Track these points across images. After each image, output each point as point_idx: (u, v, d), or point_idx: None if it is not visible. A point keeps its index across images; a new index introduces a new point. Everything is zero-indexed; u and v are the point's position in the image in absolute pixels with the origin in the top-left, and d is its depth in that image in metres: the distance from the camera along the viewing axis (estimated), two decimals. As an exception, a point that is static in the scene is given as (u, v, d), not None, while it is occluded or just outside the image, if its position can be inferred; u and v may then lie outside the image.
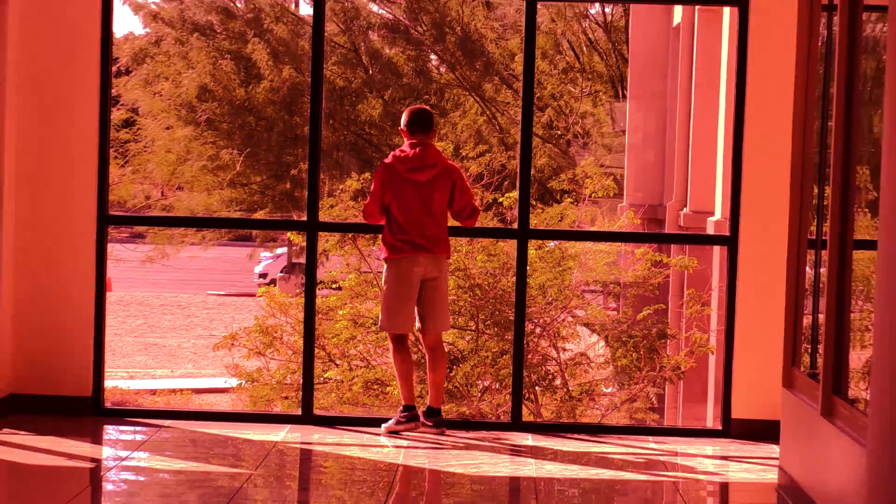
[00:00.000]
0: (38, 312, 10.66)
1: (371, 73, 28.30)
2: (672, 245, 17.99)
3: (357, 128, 27.93)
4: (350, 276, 16.05)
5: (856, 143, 8.22)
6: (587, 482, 9.34)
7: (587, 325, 16.98)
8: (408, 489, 9.21)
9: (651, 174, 22.77)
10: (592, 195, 17.96)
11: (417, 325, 10.62)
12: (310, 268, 11.15)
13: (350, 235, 15.74)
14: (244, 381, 16.75)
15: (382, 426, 10.61)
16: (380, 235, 10.75)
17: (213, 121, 28.23)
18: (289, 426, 10.72)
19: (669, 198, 21.15)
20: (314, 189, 11.03)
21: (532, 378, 15.61)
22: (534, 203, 18.29)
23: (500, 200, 17.42)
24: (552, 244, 16.29)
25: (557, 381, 16.06)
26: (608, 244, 17.57)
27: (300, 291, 14.99)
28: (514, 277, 11.27)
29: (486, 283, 15.56)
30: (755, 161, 10.65)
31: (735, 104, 10.75)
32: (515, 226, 11.13)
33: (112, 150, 11.12)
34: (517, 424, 10.92)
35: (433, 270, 10.48)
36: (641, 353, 16.09)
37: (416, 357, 14.33)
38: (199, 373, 25.29)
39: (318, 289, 12.24)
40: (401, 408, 10.66)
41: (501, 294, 15.46)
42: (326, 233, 15.54)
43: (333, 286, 16.76)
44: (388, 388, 15.63)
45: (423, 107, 10.72)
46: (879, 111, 7.48)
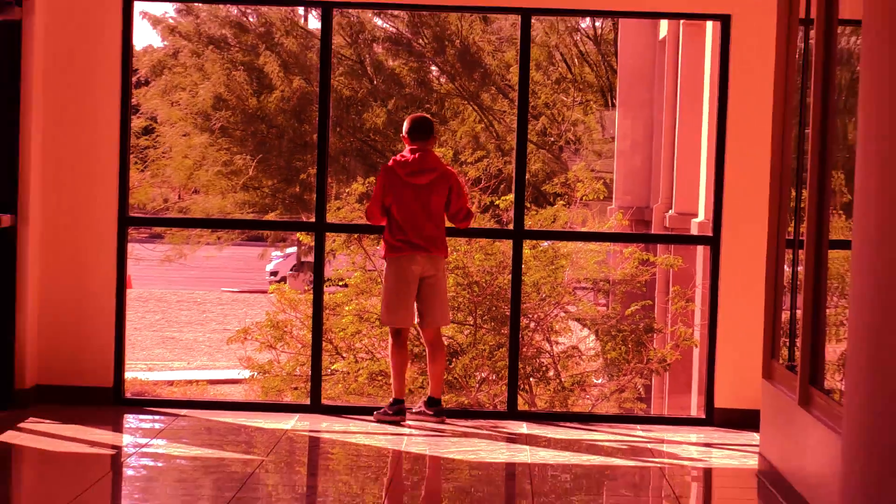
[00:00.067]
0: (63, 308, 10.66)
1: (375, 84, 28.28)
2: (658, 245, 17.96)
3: (362, 135, 27.90)
4: (356, 274, 16.03)
5: (831, 150, 8.21)
6: (579, 468, 9.33)
7: (578, 320, 16.97)
8: (410, 474, 9.20)
9: (638, 178, 22.75)
10: (583, 198, 17.95)
11: (417, 320, 10.62)
12: (318, 266, 11.13)
13: (356, 236, 15.73)
14: (256, 373, 16.73)
15: (374, 413, 10.63)
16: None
17: (227, 128, 28.21)
18: (298, 415, 10.72)
19: (656, 200, 21.14)
20: (322, 192, 11.02)
21: (527, 370, 15.60)
22: (528, 205, 18.27)
23: (497, 203, 17.41)
24: (546, 244, 16.28)
25: (551, 373, 16.05)
26: (598, 244, 17.56)
27: (309, 288, 14.96)
28: (510, 275, 11.27)
29: (484, 281, 15.54)
30: (736, 166, 10.65)
31: (718, 113, 10.74)
32: (511, 227, 11.12)
33: (132, 156, 11.10)
34: (513, 413, 10.91)
35: (430, 268, 10.47)
36: (629, 347, 16.08)
37: (418, 350, 14.33)
38: (214, 365, 25.27)
39: (326, 286, 12.24)
40: (391, 400, 10.66)
41: (498, 291, 15.44)
42: (333, 233, 15.53)
43: (340, 283, 16.74)
44: (391, 380, 15.62)
45: (424, 115, 10.71)
46: (853, 119, 7.47)
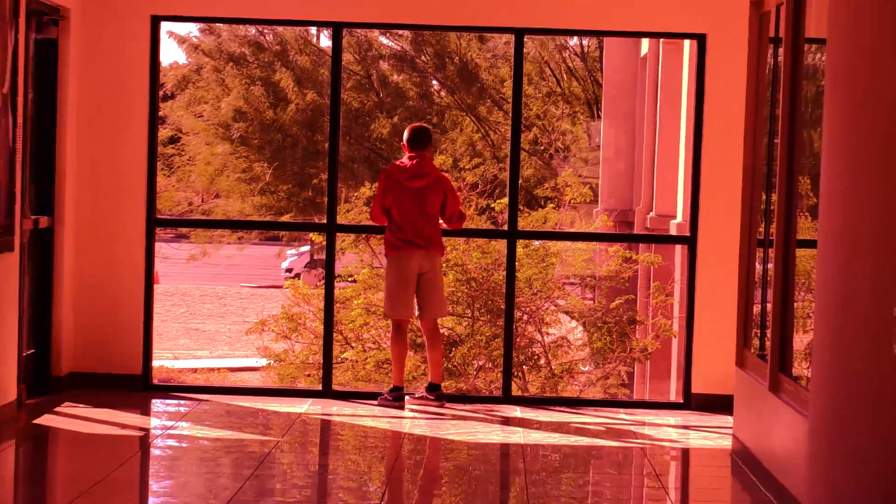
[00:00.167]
0: (95, 301, 10.65)
1: (381, 97, 28.27)
2: (640, 244, 17.95)
3: (370, 143, 27.89)
4: (364, 271, 16.02)
5: (798, 157, 8.20)
6: (567, 448, 9.32)
7: (567, 313, 16.96)
8: (413, 454, 9.19)
9: (622, 183, 22.72)
10: (571, 201, 17.93)
11: (417, 313, 10.61)
12: (329, 263, 11.12)
13: (364, 236, 15.72)
14: (272, 361, 16.71)
15: (377, 399, 10.62)
16: (388, 236, 10.74)
17: (246, 138, 28.20)
18: (311, 400, 10.71)
19: (638, 203, 21.12)
20: (333, 196, 11.01)
21: (520, 358, 15.58)
22: (521, 208, 18.26)
23: (493, 206, 17.39)
24: (537, 243, 16.27)
25: (542, 361, 16.04)
26: (585, 243, 17.56)
27: (321, 284, 14.95)
28: (505, 272, 11.26)
29: (481, 277, 15.53)
30: (712, 172, 10.64)
31: (694, 123, 10.74)
32: (506, 227, 11.11)
33: (159, 163, 11.10)
34: (507, 398, 10.90)
35: (427, 265, 10.47)
36: (614, 337, 16.06)
37: (420, 340, 14.30)
38: (234, 354, 25.23)
39: (336, 281, 12.23)
40: (391, 387, 10.66)
41: (494, 286, 15.43)
42: (343, 233, 15.52)
43: (349, 279, 16.73)
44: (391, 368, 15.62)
45: (422, 125, 10.71)
46: (819, 129, 7.47)
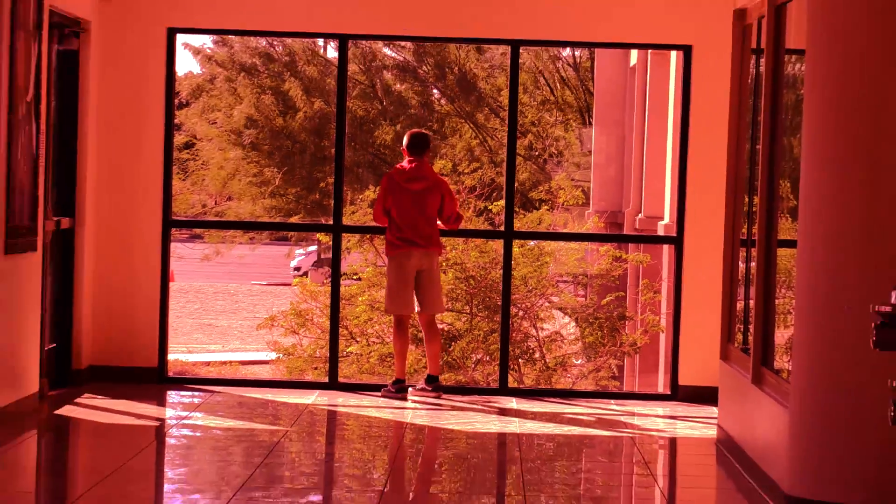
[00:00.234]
0: (114, 298, 10.65)
1: (385, 105, 28.25)
2: (629, 244, 17.93)
3: (374, 149, 27.86)
4: (368, 269, 16.01)
5: (779, 162, 8.19)
6: (561, 437, 9.31)
7: (561, 309, 16.95)
8: (414, 443, 9.19)
9: (612, 186, 22.70)
10: (565, 203, 17.91)
11: (417, 309, 10.60)
12: (335, 262, 11.12)
13: (368, 236, 15.71)
14: (282, 355, 16.70)
15: (381, 391, 10.62)
16: (390, 236, 10.74)
17: (257, 144, 28.17)
18: (318, 391, 10.70)
19: (627, 205, 21.09)
20: (339, 199, 11.00)
21: (516, 352, 15.58)
22: (517, 210, 18.23)
23: (490, 208, 17.40)
24: (532, 243, 16.26)
25: (537, 355, 16.04)
26: (577, 243, 17.54)
27: (327, 282, 14.94)
28: (502, 270, 11.25)
29: (479, 275, 15.52)
30: (697, 175, 10.63)
31: (681, 129, 10.73)
32: (502, 228, 11.11)
33: (175, 167, 11.10)
34: (504, 390, 10.90)
35: (426, 263, 10.48)
36: (605, 332, 16.06)
37: (421, 335, 14.29)
38: (245, 348, 25.20)
39: (342, 279, 12.22)
40: (393, 379, 10.66)
41: (491, 284, 15.42)
42: (349, 234, 15.50)
43: (354, 277, 16.72)
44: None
45: (421, 131, 10.72)
46: (798, 135, 7.46)
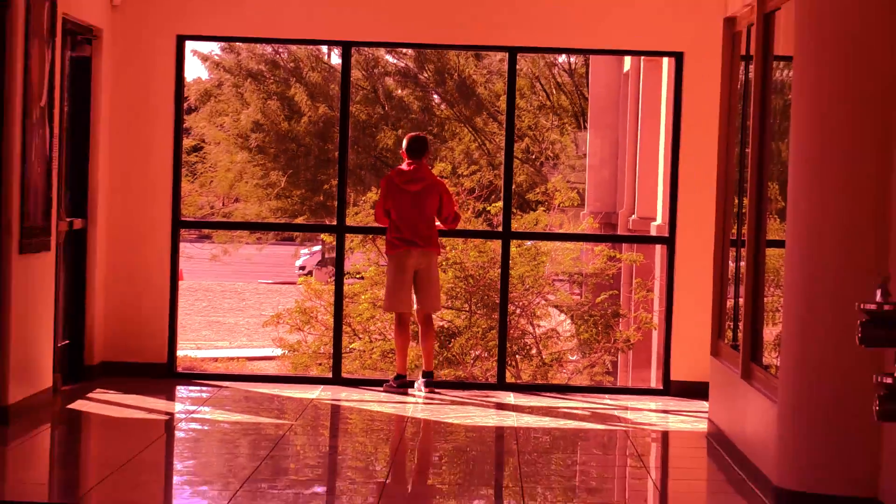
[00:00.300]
0: (125, 296, 10.65)
1: (387, 110, 28.23)
2: (623, 244, 17.93)
3: (376, 153, 27.85)
4: (370, 268, 16.01)
5: (767, 165, 8.19)
6: (557, 430, 9.31)
7: (557, 307, 16.94)
8: (415, 436, 9.18)
9: (606, 188, 22.70)
10: (560, 205, 17.92)
11: (416, 306, 10.60)
12: (339, 262, 11.11)
13: (370, 236, 15.70)
14: (287, 351, 16.70)
15: (383, 386, 10.61)
16: (391, 237, 10.73)
17: (263, 148, 28.16)
18: (322, 386, 10.69)
19: (621, 207, 21.08)
20: (342, 200, 11.00)
21: (513, 348, 15.57)
22: (514, 211, 18.25)
23: (488, 209, 17.39)
24: (529, 243, 16.25)
25: (533, 351, 16.03)
26: (573, 243, 17.54)
27: (331, 280, 14.94)
28: (500, 269, 11.25)
29: (478, 274, 15.51)
30: (688, 178, 10.63)
31: (672, 133, 10.73)
32: (500, 229, 11.10)
33: (183, 170, 11.09)
34: (501, 385, 10.89)
35: (423, 262, 10.48)
36: (599, 329, 16.05)
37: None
38: (252, 344, 25.21)
39: (345, 278, 12.21)
40: (395, 374, 10.65)
41: (489, 282, 15.41)
42: (352, 234, 15.50)
43: (357, 276, 16.72)
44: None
45: (419, 135, 10.70)
46: (786, 139, 7.45)
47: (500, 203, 11.42)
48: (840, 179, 6.87)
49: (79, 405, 9.51)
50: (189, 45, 12.15)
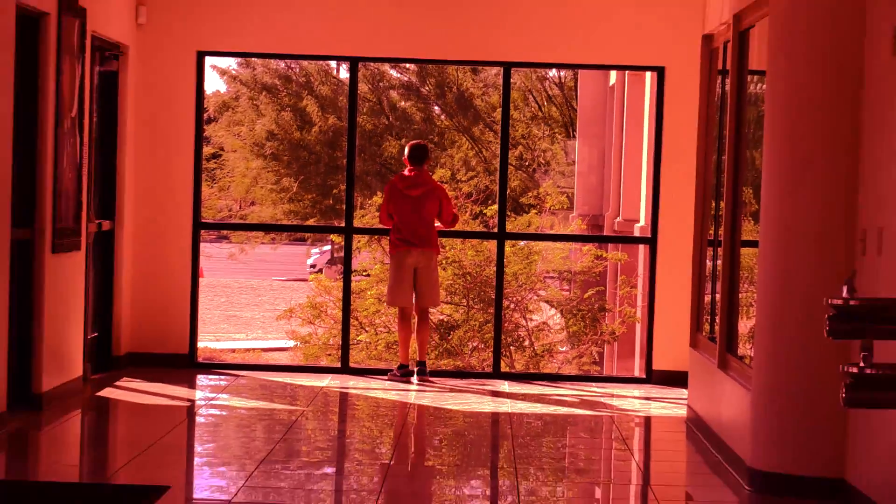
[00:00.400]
0: (149, 292, 10.64)
1: (391, 121, 28.22)
2: (609, 244, 17.92)
3: (381, 160, 27.83)
4: (376, 267, 16.00)
5: (742, 170, 8.19)
6: (548, 416, 9.31)
7: (548, 302, 16.94)
8: (417, 420, 9.18)
9: (594, 192, 22.67)
10: (551, 208, 17.90)
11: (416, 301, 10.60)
12: (347, 260, 11.11)
13: (376, 237, 15.70)
14: (299, 343, 16.69)
15: (387, 375, 10.61)
16: (394, 237, 10.72)
17: (277, 155, 28.14)
18: (331, 375, 10.69)
19: (607, 209, 21.07)
20: (350, 204, 10.99)
21: (508, 340, 15.56)
22: (509, 214, 18.23)
23: (485, 212, 17.38)
24: (522, 243, 16.25)
25: (526, 343, 16.02)
26: (563, 243, 17.53)
27: (340, 277, 14.93)
28: (495, 267, 11.25)
29: (475, 272, 15.51)
30: (669, 183, 10.62)
31: (655, 141, 10.73)
32: (496, 230, 11.10)
33: (203, 175, 11.09)
34: (497, 374, 10.89)
35: (423, 260, 10.47)
36: (587, 322, 16.04)
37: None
38: (267, 336, 25.19)
39: (353, 276, 12.19)
40: (398, 364, 10.65)
41: (486, 279, 15.41)
42: (359, 235, 15.49)
43: (364, 273, 16.71)
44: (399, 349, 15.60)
45: (420, 143, 10.70)
46: (759, 147, 7.45)
47: (496, 206, 11.41)
48: (809, 184, 6.88)
49: (107, 392, 9.51)
50: (208, 61, 12.17)
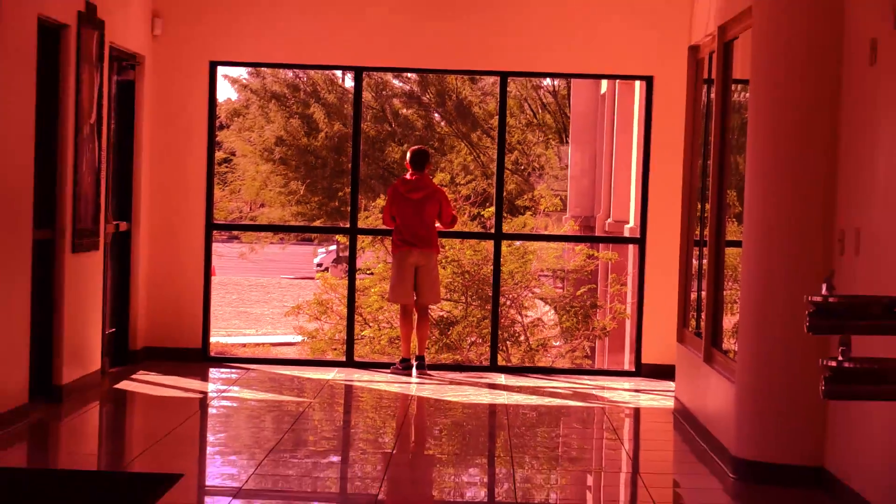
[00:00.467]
0: (164, 289, 10.64)
1: (394, 127, 28.21)
2: (600, 244, 17.92)
3: (384, 164, 27.83)
4: (379, 266, 16.00)
5: (726, 174, 8.18)
6: (542, 407, 9.30)
7: (542, 299, 16.94)
8: (418, 411, 9.18)
9: (586, 195, 22.67)
10: (545, 209, 17.93)
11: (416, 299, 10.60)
12: (351, 259, 11.11)
13: (379, 237, 15.70)
14: (306, 338, 16.69)
15: (390, 368, 10.61)
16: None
17: (286, 160, 28.13)
18: (337, 369, 10.69)
19: (598, 211, 21.07)
20: (354, 206, 10.99)
21: (504, 335, 15.56)
22: (505, 215, 18.24)
23: (482, 213, 17.38)
24: (518, 243, 16.25)
25: (522, 338, 16.02)
26: (556, 243, 17.53)
27: (345, 276, 14.94)
28: (492, 266, 11.24)
29: (473, 270, 15.51)
30: (657, 186, 10.62)
31: (643, 147, 10.72)
32: (493, 230, 11.09)
33: (215, 179, 11.08)
34: (494, 367, 10.88)
35: (423, 260, 10.47)
36: (579, 318, 16.04)
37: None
38: (275, 332, 25.20)
39: (357, 274, 12.20)
40: (400, 358, 10.65)
41: (483, 277, 15.41)
42: (363, 235, 15.49)
43: (368, 272, 16.71)
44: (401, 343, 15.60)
45: (421, 148, 10.70)
46: (743, 152, 7.45)
47: (493, 208, 11.41)
48: (790, 187, 6.87)
49: (124, 385, 9.51)
50: (220, 70, 12.14)
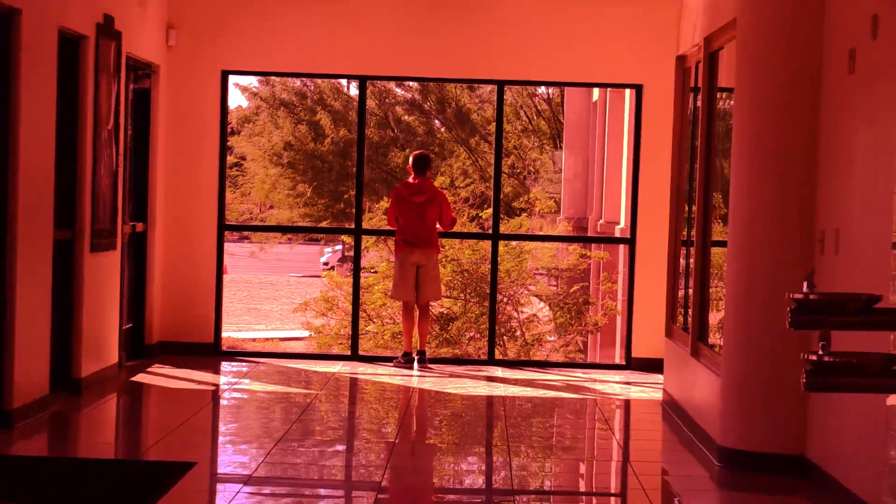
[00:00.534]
0: (179, 287, 10.63)
1: (396, 133, 28.20)
2: (592, 244, 17.91)
3: (387, 169, 27.82)
4: (382, 264, 15.99)
5: (712, 178, 8.18)
6: (538, 399, 9.30)
7: (537, 296, 16.93)
8: (419, 403, 9.17)
9: (579, 197, 22.66)
10: (540, 211, 17.93)
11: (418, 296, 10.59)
12: (356, 258, 11.10)
13: (383, 238, 15.69)
14: (313, 333, 16.69)
15: (393, 362, 10.60)
16: (400, 238, 10.71)
17: (294, 164, 28.12)
18: (342, 362, 10.68)
19: (591, 213, 21.06)
20: (359, 208, 10.98)
21: (501, 330, 15.55)
22: (502, 216, 18.22)
23: (480, 215, 17.38)
24: (514, 243, 16.24)
25: (518, 333, 16.01)
26: (551, 243, 17.52)
27: (350, 274, 14.93)
28: (490, 265, 11.23)
29: (471, 269, 15.49)
30: (647, 188, 10.62)
31: (633, 152, 10.72)
32: (490, 231, 11.09)
33: (227, 182, 11.08)
34: (491, 361, 10.88)
35: (424, 259, 10.47)
36: (572, 314, 16.03)
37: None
38: (284, 327, 25.19)
39: (362, 272, 12.18)
40: (402, 352, 10.64)
41: (481, 276, 15.40)
42: (367, 236, 15.47)
43: (372, 270, 16.70)
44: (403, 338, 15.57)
45: (423, 153, 10.71)
46: (728, 157, 7.45)
47: (490, 210, 11.41)
48: (773, 190, 6.87)
49: (140, 378, 9.50)
50: (232, 79, 12.13)
